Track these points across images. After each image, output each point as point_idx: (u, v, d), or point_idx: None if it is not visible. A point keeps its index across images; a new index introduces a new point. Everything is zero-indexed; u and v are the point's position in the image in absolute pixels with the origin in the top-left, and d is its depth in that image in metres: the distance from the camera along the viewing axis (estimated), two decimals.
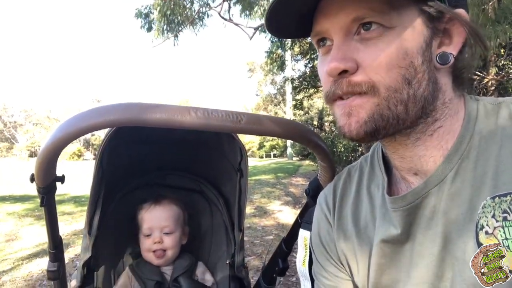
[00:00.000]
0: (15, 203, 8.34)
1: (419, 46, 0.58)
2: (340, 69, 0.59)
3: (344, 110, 0.62)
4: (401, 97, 0.59)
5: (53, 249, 1.10)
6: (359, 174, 0.82)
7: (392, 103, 0.59)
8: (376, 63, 0.58)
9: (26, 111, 76.74)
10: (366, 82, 0.58)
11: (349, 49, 0.59)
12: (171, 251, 1.44)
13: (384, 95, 0.58)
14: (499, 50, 3.76)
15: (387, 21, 0.57)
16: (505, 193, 0.57)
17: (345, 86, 0.60)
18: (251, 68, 46.72)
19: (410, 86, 0.59)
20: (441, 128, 0.64)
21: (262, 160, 34.00)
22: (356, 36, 0.59)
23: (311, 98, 14.08)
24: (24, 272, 3.83)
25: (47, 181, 0.89)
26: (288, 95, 27.78)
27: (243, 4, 8.53)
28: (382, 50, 0.57)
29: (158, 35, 8.21)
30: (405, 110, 0.59)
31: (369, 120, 0.60)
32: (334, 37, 0.61)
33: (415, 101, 0.60)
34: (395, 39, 0.57)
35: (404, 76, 0.58)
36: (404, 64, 0.58)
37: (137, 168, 1.56)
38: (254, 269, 3.69)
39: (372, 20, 0.57)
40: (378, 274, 0.72)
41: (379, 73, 0.58)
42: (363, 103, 0.60)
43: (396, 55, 0.57)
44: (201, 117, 0.76)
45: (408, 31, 0.58)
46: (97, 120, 0.72)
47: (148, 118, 0.73)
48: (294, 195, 8.45)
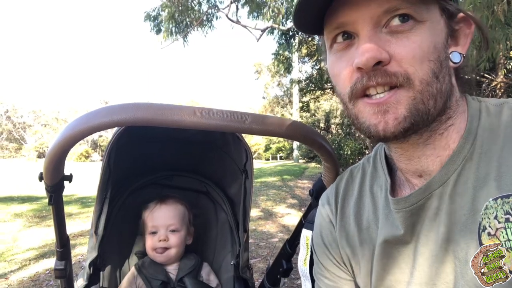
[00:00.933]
0: (23, 204, 8.42)
1: (443, 42, 0.60)
2: (377, 59, 0.57)
3: (378, 108, 0.59)
4: (432, 90, 0.59)
5: (61, 248, 1.12)
6: (361, 175, 0.83)
7: (425, 97, 0.58)
8: (410, 55, 0.57)
9: (35, 112, 77.43)
10: (402, 73, 0.57)
11: (380, 41, 0.58)
12: (175, 249, 1.45)
13: (419, 88, 0.58)
14: (508, 52, 3.72)
15: (419, 14, 0.57)
16: (508, 194, 0.57)
17: (380, 77, 0.58)
18: (258, 70, 46.71)
19: (438, 80, 0.59)
20: (451, 126, 0.64)
21: (268, 162, 33.98)
22: (385, 29, 0.58)
23: (317, 100, 14.07)
24: (31, 272, 3.85)
25: (55, 179, 0.91)
26: (295, 97, 27.72)
27: (251, 6, 8.55)
28: (415, 42, 0.57)
29: (166, 37, 8.26)
30: (434, 104, 0.59)
31: (408, 115, 0.58)
32: (363, 29, 0.59)
33: (442, 95, 0.60)
34: (426, 32, 0.58)
35: (433, 70, 0.58)
36: (433, 58, 0.58)
37: (144, 168, 1.58)
38: (260, 271, 3.69)
39: (405, 12, 0.57)
40: (381, 275, 0.72)
41: (414, 65, 0.57)
42: (400, 98, 0.58)
43: (427, 48, 0.57)
44: (207, 117, 0.77)
45: (435, 26, 0.59)
46: (105, 120, 0.73)
47: (155, 118, 0.74)
48: (300, 198, 8.42)
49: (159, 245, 1.43)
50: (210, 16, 8.90)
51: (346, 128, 13.31)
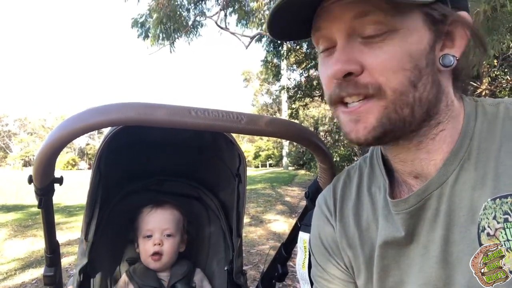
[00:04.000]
0: (8, 213, 8.25)
1: (423, 49, 0.59)
2: (345, 71, 0.59)
3: (351, 117, 0.62)
4: (408, 100, 0.59)
5: (50, 253, 1.09)
6: (358, 175, 0.82)
7: (399, 106, 0.59)
8: (381, 66, 0.57)
9: (20, 120, 76.38)
10: (372, 84, 0.58)
11: (353, 51, 0.59)
12: (167, 256, 1.42)
13: (391, 98, 0.58)
14: (492, 60, 3.79)
15: (392, 22, 0.57)
16: (506, 194, 0.57)
17: (351, 88, 0.59)
18: (247, 78, 46.93)
19: (416, 89, 0.59)
20: (443, 131, 0.64)
21: (257, 170, 33.98)
22: (360, 39, 0.59)
23: (306, 107, 14.13)
24: (17, 282, 3.77)
25: (45, 182, 0.88)
26: (284, 104, 27.87)
27: (240, 13, 8.59)
28: (387, 52, 0.57)
29: (153, 43, 8.22)
30: (411, 113, 0.59)
31: (377, 125, 0.60)
32: (339, 38, 0.60)
33: (421, 104, 0.60)
34: (400, 41, 0.57)
35: (409, 78, 0.58)
36: (409, 66, 0.58)
37: (135, 173, 1.55)
38: (251, 278, 3.66)
39: (376, 18, 0.57)
40: (382, 276, 0.72)
41: (385, 75, 0.57)
42: (370, 107, 0.59)
43: (401, 57, 0.57)
44: (202, 117, 0.76)
45: (412, 34, 0.58)
46: (96, 119, 0.71)
47: (148, 117, 0.72)
48: (290, 205, 8.43)
49: (154, 249, 1.40)
50: (197, 23, 8.90)
51: (334, 135, 13.39)
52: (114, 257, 1.51)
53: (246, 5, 8.69)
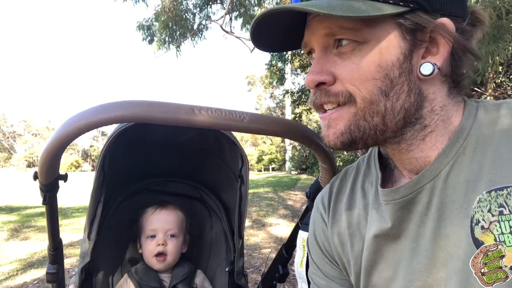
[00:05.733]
0: (11, 214, 8.27)
1: (395, 59, 0.59)
2: (316, 81, 0.63)
3: (324, 122, 0.67)
4: (378, 108, 0.61)
5: (53, 251, 1.10)
6: (355, 173, 0.83)
7: (368, 114, 0.61)
8: (350, 76, 0.61)
9: (25, 121, 76.76)
10: (342, 92, 0.62)
11: (327, 63, 0.63)
12: (171, 257, 1.43)
13: (360, 106, 0.61)
14: (497, 67, 3.78)
15: (359, 36, 0.59)
16: (502, 187, 0.57)
17: (323, 96, 0.64)
18: (251, 82, 46.99)
19: (388, 98, 0.60)
20: (432, 132, 0.64)
21: (260, 174, 33.92)
22: (335, 50, 0.63)
23: (310, 112, 14.13)
24: (19, 282, 3.77)
25: (50, 178, 0.89)
26: (287, 108, 27.86)
27: (245, 17, 8.63)
28: (355, 63, 0.60)
29: (159, 47, 8.26)
30: (383, 121, 0.62)
31: (345, 131, 0.63)
32: (316, 49, 0.66)
33: (394, 112, 0.61)
34: (369, 53, 0.59)
35: (380, 88, 0.60)
36: (379, 76, 0.59)
37: (138, 173, 1.56)
38: (252, 281, 3.66)
39: (342, 37, 0.61)
40: (369, 271, 0.72)
41: (355, 84, 0.61)
42: (341, 114, 0.64)
43: (368, 68, 0.59)
44: (205, 115, 0.77)
45: (382, 45, 0.59)
46: (102, 116, 0.72)
47: (153, 115, 0.73)
48: (292, 209, 8.41)
49: (157, 250, 1.40)
50: (203, 26, 8.93)
51: None
52: (117, 256, 1.52)
53: (251, 9, 8.73)
